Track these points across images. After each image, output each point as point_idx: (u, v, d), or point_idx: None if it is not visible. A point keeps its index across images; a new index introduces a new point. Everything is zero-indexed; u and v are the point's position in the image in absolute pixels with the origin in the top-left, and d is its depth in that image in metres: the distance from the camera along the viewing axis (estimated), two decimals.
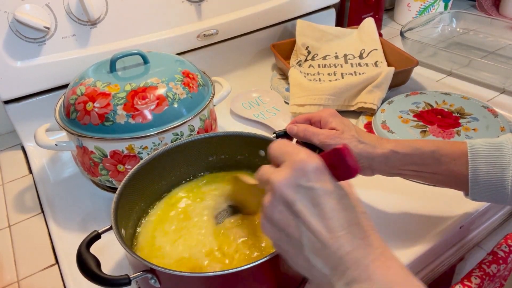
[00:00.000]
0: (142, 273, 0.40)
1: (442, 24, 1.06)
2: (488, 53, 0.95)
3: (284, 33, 0.96)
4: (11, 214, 0.63)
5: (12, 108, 0.71)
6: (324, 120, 0.52)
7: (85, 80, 0.57)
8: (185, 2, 0.78)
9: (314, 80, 0.83)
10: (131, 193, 0.50)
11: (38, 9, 0.65)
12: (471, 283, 0.55)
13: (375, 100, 0.73)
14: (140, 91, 0.54)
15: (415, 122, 0.69)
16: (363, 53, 0.88)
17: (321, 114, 0.53)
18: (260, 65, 0.95)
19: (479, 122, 0.68)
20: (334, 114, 0.53)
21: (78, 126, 0.55)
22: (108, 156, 0.55)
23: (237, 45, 0.90)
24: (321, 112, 0.53)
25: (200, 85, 0.60)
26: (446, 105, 0.73)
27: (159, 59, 0.61)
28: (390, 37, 1.07)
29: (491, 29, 1.01)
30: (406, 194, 0.60)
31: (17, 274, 0.53)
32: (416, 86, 0.84)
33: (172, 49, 0.79)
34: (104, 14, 0.71)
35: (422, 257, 0.52)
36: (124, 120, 0.53)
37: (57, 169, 0.70)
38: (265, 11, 0.88)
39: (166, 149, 0.53)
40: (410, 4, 1.09)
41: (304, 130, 0.52)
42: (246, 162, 0.58)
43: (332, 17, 1.03)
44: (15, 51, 0.66)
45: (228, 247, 0.47)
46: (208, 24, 0.82)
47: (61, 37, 0.69)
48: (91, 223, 0.59)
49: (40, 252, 0.56)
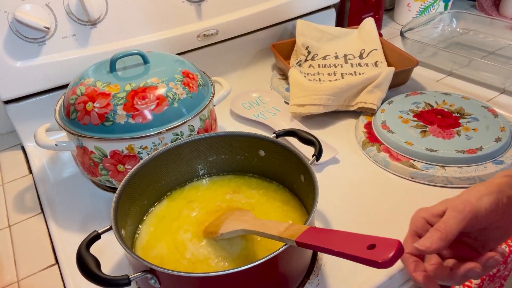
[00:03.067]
0: (142, 273, 0.40)
1: (442, 24, 1.06)
2: (488, 53, 0.95)
3: (284, 33, 0.96)
4: (11, 214, 0.63)
5: (12, 108, 0.71)
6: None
7: (85, 80, 0.57)
8: (185, 2, 0.78)
9: (314, 80, 0.83)
10: (131, 193, 0.50)
11: (38, 9, 0.65)
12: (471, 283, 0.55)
13: (375, 100, 0.73)
14: (140, 91, 0.54)
15: (415, 122, 0.69)
16: (363, 53, 0.88)
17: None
18: (260, 65, 0.95)
19: (479, 122, 0.68)
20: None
21: (78, 126, 0.55)
22: (108, 156, 0.55)
23: (237, 45, 0.90)
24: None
25: (200, 85, 0.60)
26: (446, 105, 0.73)
27: (159, 59, 0.61)
28: (390, 37, 1.07)
29: (491, 29, 1.01)
30: (406, 194, 0.60)
31: (17, 274, 0.53)
32: (416, 86, 0.84)
33: (172, 49, 0.79)
34: (104, 14, 0.71)
35: None
36: (124, 120, 0.53)
37: (57, 169, 0.70)
38: (265, 11, 0.88)
39: (166, 149, 0.53)
40: (410, 4, 1.09)
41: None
42: (246, 162, 0.58)
43: (332, 17, 1.03)
44: (15, 51, 0.66)
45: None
46: (208, 24, 0.82)
47: (61, 37, 0.69)
48: (91, 223, 0.59)
49: (40, 252, 0.56)
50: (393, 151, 0.65)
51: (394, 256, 0.28)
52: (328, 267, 0.50)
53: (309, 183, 0.48)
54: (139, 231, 0.52)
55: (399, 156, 0.64)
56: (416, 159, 0.63)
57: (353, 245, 0.31)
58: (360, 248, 0.30)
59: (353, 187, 0.61)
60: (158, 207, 0.55)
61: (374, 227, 0.55)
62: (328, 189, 0.60)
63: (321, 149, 0.54)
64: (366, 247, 0.30)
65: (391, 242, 0.29)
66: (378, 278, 0.48)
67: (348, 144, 0.70)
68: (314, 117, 0.75)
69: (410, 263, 0.42)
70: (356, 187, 0.62)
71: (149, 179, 0.53)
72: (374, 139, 0.68)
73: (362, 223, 0.55)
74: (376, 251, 0.29)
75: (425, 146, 0.63)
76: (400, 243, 0.29)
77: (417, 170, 0.61)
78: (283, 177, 0.56)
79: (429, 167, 0.61)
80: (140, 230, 0.52)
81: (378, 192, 0.60)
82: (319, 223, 0.56)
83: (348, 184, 0.62)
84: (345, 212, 0.57)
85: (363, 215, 0.57)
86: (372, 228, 0.55)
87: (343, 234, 0.34)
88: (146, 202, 0.54)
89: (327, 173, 0.64)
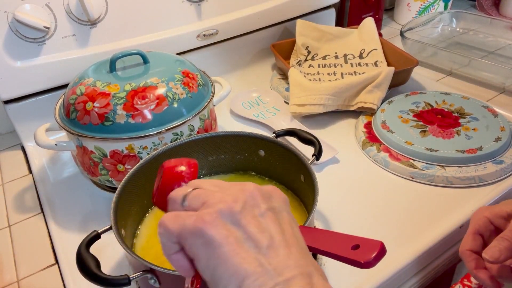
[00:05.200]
0: (142, 273, 0.40)
1: (442, 24, 1.06)
2: (488, 53, 0.95)
3: (284, 33, 0.96)
4: (11, 214, 0.63)
5: (12, 108, 0.71)
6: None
7: (85, 80, 0.57)
8: (185, 2, 0.78)
9: (314, 80, 0.83)
10: (131, 193, 0.50)
11: (38, 9, 0.65)
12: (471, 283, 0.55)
13: (375, 100, 0.73)
14: (140, 91, 0.54)
15: (415, 122, 0.69)
16: (363, 53, 0.88)
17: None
18: (260, 65, 0.95)
19: (479, 122, 0.68)
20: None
21: (78, 126, 0.55)
22: (108, 156, 0.55)
23: (237, 45, 0.90)
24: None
25: (200, 85, 0.60)
26: (446, 105, 0.73)
27: (159, 59, 0.61)
28: (390, 37, 1.07)
29: (491, 29, 1.01)
30: (406, 194, 0.60)
31: (17, 274, 0.53)
32: (416, 86, 0.84)
33: (172, 49, 0.79)
34: (104, 14, 0.71)
35: (422, 257, 0.52)
36: (124, 120, 0.53)
37: (57, 169, 0.70)
38: (265, 11, 0.88)
39: (166, 149, 0.53)
40: (410, 4, 1.09)
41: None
42: (246, 162, 0.58)
43: (332, 17, 1.03)
44: (15, 51, 0.66)
45: None
46: (208, 24, 0.82)
47: (61, 37, 0.69)
48: (91, 223, 0.59)
49: (40, 252, 0.56)
50: (393, 151, 0.65)
51: (376, 257, 0.29)
52: (328, 267, 0.50)
53: (309, 183, 0.48)
54: (139, 231, 0.52)
55: (399, 156, 0.64)
56: (416, 159, 0.63)
57: (338, 245, 0.32)
58: (345, 248, 0.31)
59: (353, 187, 0.61)
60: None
61: (374, 227, 0.55)
62: (328, 189, 0.60)
63: (321, 149, 0.54)
64: (350, 247, 0.31)
65: (374, 243, 0.30)
66: (378, 278, 0.48)
67: (348, 144, 0.70)
68: (314, 117, 0.75)
69: (471, 261, 0.43)
70: (356, 187, 0.62)
71: (149, 179, 0.53)
72: (374, 139, 0.68)
73: (362, 223, 0.55)
74: (360, 252, 0.30)
75: (425, 146, 0.63)
76: (382, 244, 0.30)
77: (417, 170, 0.61)
78: (283, 177, 0.56)
79: (429, 167, 0.61)
80: (140, 230, 0.52)
81: (378, 192, 0.60)
82: (319, 222, 0.56)
83: (348, 184, 0.62)
84: (345, 212, 0.57)
85: (363, 214, 0.57)
86: (372, 228, 0.55)
87: (330, 234, 0.34)
88: (146, 202, 0.54)
89: (327, 173, 0.64)
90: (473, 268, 0.43)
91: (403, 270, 0.50)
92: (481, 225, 0.44)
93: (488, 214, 0.44)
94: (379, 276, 0.48)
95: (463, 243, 0.45)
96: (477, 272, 0.42)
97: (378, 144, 0.67)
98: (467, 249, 0.44)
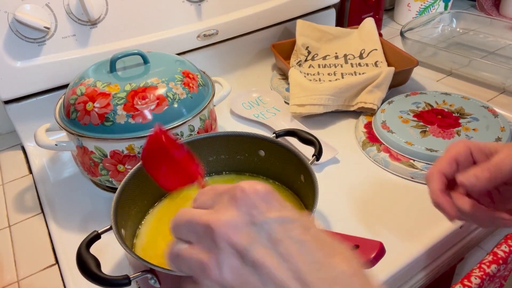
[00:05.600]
0: (142, 273, 0.40)
1: (442, 24, 1.06)
2: (488, 53, 0.95)
3: (284, 33, 0.96)
4: (11, 214, 0.63)
5: (12, 108, 0.71)
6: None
7: (85, 80, 0.57)
8: (185, 2, 0.78)
9: (314, 80, 0.83)
10: (131, 193, 0.50)
11: (38, 9, 0.65)
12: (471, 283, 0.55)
13: (375, 100, 0.73)
14: (140, 91, 0.54)
15: (415, 122, 0.69)
16: (363, 53, 0.88)
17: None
18: (260, 65, 0.95)
19: (479, 122, 0.68)
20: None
21: (78, 126, 0.55)
22: (108, 156, 0.55)
23: (237, 45, 0.90)
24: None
25: (200, 85, 0.60)
26: (446, 105, 0.73)
27: (159, 59, 0.61)
28: (390, 37, 1.07)
29: (491, 29, 1.01)
30: (406, 194, 0.60)
31: (17, 274, 0.53)
32: (416, 86, 0.84)
33: (172, 49, 0.79)
34: (104, 14, 0.71)
35: (422, 257, 0.52)
36: (124, 120, 0.53)
37: (57, 169, 0.70)
38: (265, 11, 0.88)
39: None
40: (410, 4, 1.09)
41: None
42: (246, 162, 0.58)
43: (332, 17, 1.03)
44: (15, 51, 0.66)
45: None
46: (208, 24, 0.82)
47: (61, 37, 0.69)
48: (91, 223, 0.59)
49: (40, 252, 0.56)
50: (393, 151, 0.65)
51: (375, 257, 0.30)
52: None
53: (309, 183, 0.48)
54: (139, 231, 0.52)
55: (399, 156, 0.64)
56: (416, 159, 0.63)
57: None
58: None
59: (353, 187, 0.61)
60: (158, 207, 0.55)
61: (373, 227, 0.55)
62: (328, 189, 0.60)
63: (321, 149, 0.54)
64: (350, 248, 0.31)
65: (374, 244, 0.30)
66: (378, 278, 0.48)
67: (348, 144, 0.70)
68: (314, 117, 0.75)
69: (438, 179, 0.38)
70: (356, 187, 0.62)
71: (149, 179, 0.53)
72: (374, 139, 0.68)
73: (362, 223, 0.55)
74: (359, 252, 0.30)
75: (425, 146, 0.63)
76: (382, 244, 0.30)
77: (417, 170, 0.61)
78: (283, 177, 0.56)
79: (429, 167, 0.61)
80: (140, 230, 0.52)
81: (378, 192, 0.60)
82: (319, 222, 0.56)
83: (348, 184, 0.62)
84: (345, 212, 0.57)
85: (362, 215, 0.57)
86: (371, 228, 0.55)
87: (329, 234, 0.34)
88: (146, 202, 0.54)
89: (327, 173, 0.64)
90: (436, 188, 0.38)
91: (403, 270, 0.50)
92: (461, 153, 0.39)
93: (470, 144, 0.39)
94: (380, 276, 0.48)
95: (435, 164, 0.39)
96: (438, 195, 0.37)
97: (378, 144, 0.67)
98: (439, 170, 0.38)
